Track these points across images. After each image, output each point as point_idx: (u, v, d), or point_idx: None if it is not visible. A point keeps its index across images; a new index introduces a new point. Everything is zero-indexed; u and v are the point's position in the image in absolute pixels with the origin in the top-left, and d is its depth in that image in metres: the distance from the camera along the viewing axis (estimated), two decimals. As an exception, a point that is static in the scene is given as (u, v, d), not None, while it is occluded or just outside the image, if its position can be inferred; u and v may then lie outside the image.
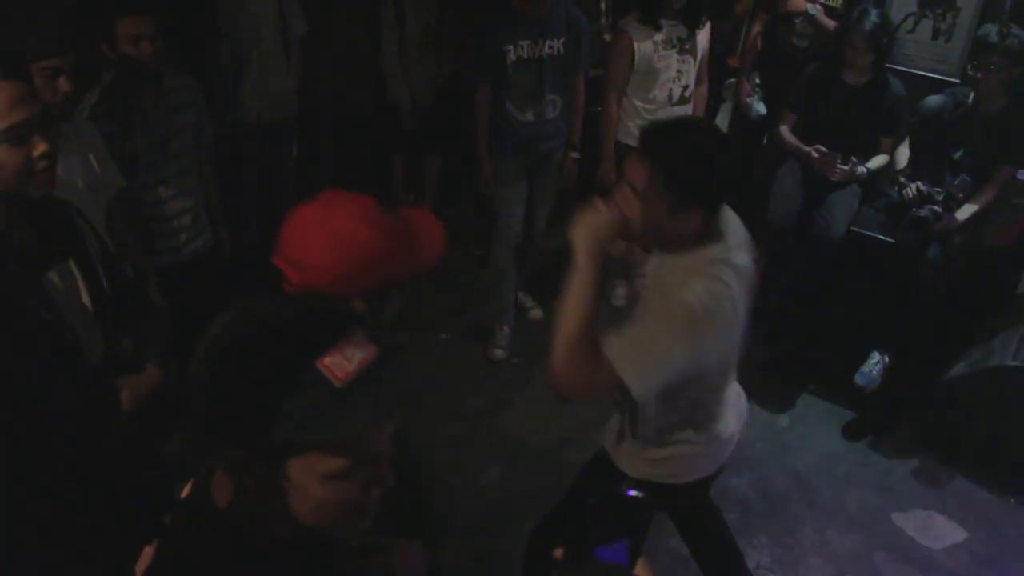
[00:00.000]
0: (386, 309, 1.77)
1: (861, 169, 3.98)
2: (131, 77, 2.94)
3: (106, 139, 2.85)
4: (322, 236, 1.65)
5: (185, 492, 1.27)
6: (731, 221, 2.13)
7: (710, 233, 2.03)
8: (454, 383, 4.10)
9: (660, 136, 2.05)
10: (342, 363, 1.08)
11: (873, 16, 3.87)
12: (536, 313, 4.58)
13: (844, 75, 4.00)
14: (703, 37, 4.09)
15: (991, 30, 3.63)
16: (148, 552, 1.27)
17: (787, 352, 4.20)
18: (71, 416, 1.82)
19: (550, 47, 3.79)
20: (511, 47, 3.75)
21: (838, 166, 3.95)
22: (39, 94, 1.93)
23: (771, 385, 4.09)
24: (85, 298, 2.15)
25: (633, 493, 1.59)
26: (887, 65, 4.04)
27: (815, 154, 4.00)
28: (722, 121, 5.27)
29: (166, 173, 3.14)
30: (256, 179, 4.45)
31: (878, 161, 4.07)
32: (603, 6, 4.78)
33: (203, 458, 1.22)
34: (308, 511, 1.13)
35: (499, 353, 4.26)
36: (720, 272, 1.97)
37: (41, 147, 1.80)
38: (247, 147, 4.35)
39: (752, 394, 4.02)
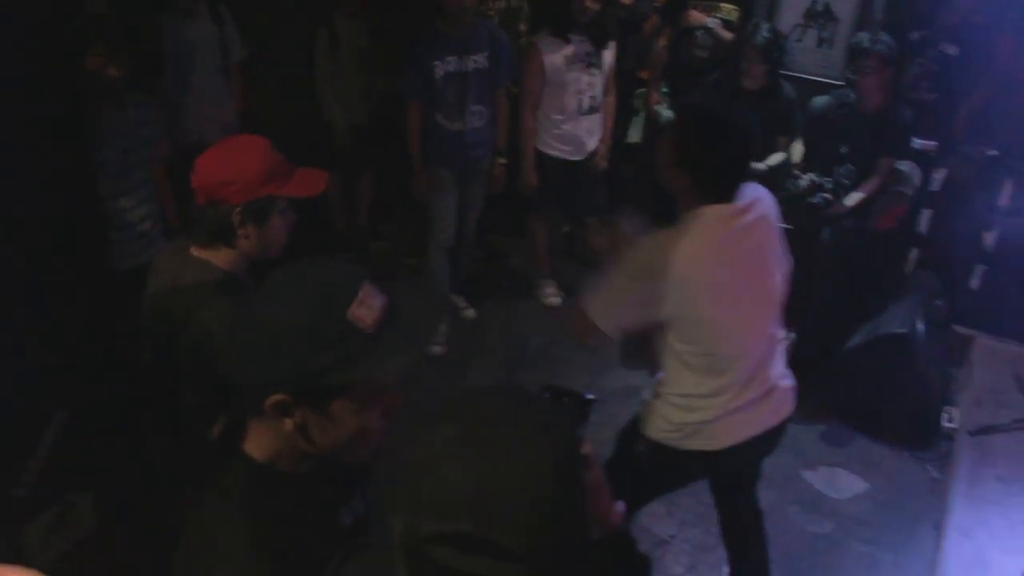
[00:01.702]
0: (267, 231, 2.10)
1: (760, 166, 4.40)
2: (98, 93, 3.20)
3: None
4: (216, 152, 2.07)
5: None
6: (753, 195, 2.44)
7: (712, 202, 2.35)
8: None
9: (696, 108, 2.62)
10: (367, 312, 1.27)
11: (764, 31, 4.31)
12: (469, 313, 4.87)
13: (742, 82, 4.42)
14: (608, 53, 4.48)
15: (864, 37, 4.10)
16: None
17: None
18: None
19: (474, 61, 4.14)
20: (439, 63, 4.08)
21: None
22: None
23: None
24: None
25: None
26: (780, 72, 4.48)
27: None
28: (636, 129, 5.67)
29: (128, 183, 3.39)
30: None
31: (776, 158, 4.50)
32: (522, 27, 5.14)
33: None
34: (337, 441, 1.31)
35: (437, 350, 4.53)
36: (693, 231, 2.32)
37: None
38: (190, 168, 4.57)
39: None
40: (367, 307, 1.26)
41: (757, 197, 2.45)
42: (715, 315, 2.37)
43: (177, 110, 4.47)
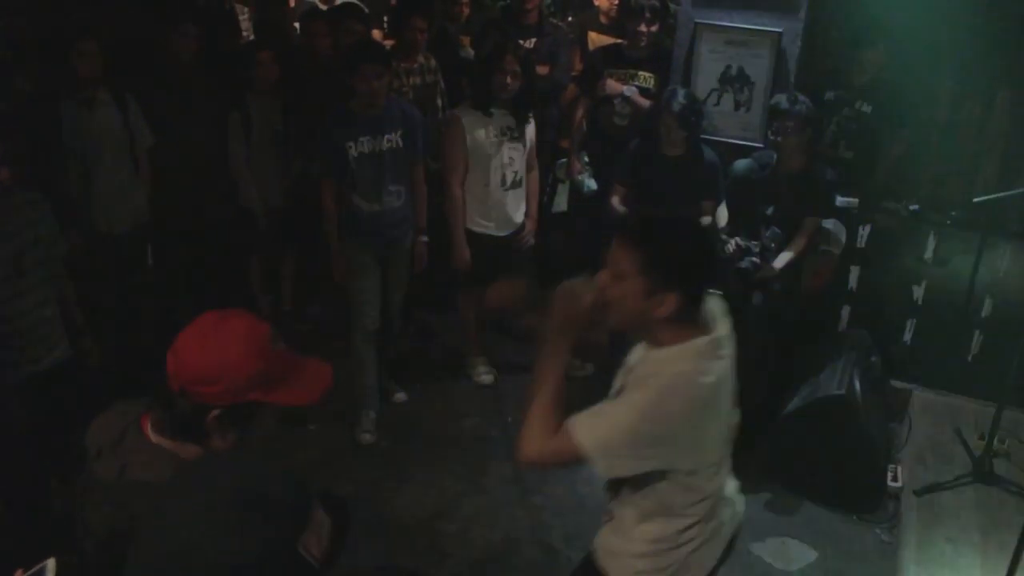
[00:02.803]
0: (254, 425, 1.77)
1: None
2: None
3: None
4: (204, 338, 1.69)
5: None
6: (717, 312, 2.15)
7: (692, 325, 2.03)
8: (325, 469, 4.14)
9: (645, 223, 2.13)
10: (317, 542, 1.15)
11: (680, 97, 4.29)
12: (400, 396, 4.70)
13: (663, 148, 4.40)
14: (531, 128, 4.44)
15: (782, 99, 4.11)
16: None
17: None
18: None
19: (388, 140, 4.03)
20: (352, 143, 3.97)
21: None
22: None
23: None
24: None
25: None
26: (700, 136, 4.47)
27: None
28: (562, 199, 5.62)
29: (22, 287, 3.17)
30: (112, 289, 4.44)
31: (702, 223, 4.45)
32: (440, 102, 5.07)
33: None
34: None
35: (367, 437, 4.34)
36: (699, 365, 1.98)
37: None
38: (100, 258, 4.36)
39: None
40: (317, 536, 1.15)
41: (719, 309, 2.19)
42: (705, 445, 2.12)
43: (84, 201, 4.28)
